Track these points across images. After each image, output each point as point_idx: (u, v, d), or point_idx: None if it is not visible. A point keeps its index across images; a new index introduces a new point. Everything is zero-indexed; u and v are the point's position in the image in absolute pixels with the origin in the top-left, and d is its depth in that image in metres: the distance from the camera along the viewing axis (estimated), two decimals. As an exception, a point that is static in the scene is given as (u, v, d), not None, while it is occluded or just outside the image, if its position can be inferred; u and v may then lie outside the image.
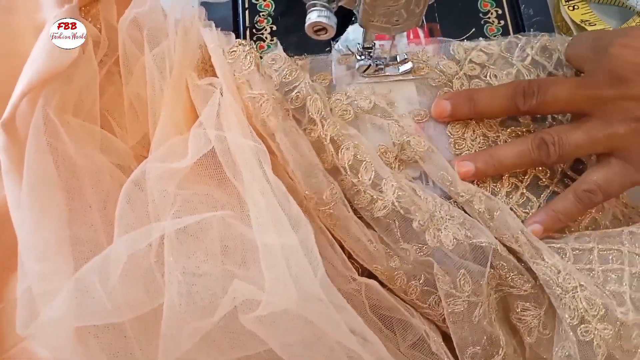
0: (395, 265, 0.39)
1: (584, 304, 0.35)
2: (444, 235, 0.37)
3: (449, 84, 0.45)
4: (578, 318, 0.35)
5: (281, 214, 0.33)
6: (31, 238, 0.30)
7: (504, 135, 0.43)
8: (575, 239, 0.39)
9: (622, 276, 0.36)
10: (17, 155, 0.31)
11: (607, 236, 0.39)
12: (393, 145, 0.42)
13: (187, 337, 0.30)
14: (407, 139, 0.41)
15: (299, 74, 0.41)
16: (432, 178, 0.42)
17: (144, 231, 0.31)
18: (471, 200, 0.39)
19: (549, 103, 0.39)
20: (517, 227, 0.38)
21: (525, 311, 0.38)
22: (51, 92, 0.33)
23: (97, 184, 0.33)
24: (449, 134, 0.43)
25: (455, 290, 0.37)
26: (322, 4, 0.34)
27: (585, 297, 0.35)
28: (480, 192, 0.40)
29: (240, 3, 0.49)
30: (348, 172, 0.39)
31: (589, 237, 0.39)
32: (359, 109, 0.43)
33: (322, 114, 0.40)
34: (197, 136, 0.36)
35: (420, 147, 0.41)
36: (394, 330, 0.37)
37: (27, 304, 0.28)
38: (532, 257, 0.37)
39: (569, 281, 0.36)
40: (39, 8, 0.36)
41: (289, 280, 0.30)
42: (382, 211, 0.38)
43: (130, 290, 0.30)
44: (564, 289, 0.36)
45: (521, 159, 0.40)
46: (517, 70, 0.45)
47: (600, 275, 0.37)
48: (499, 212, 0.39)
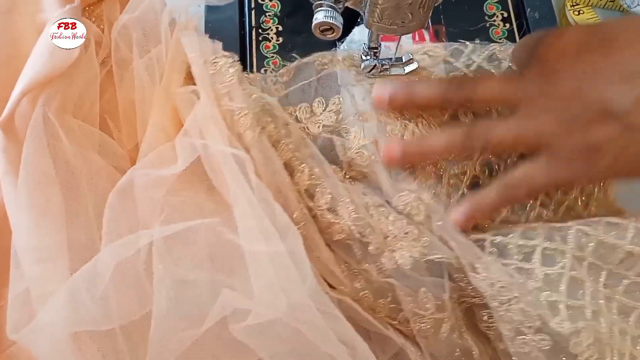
0: (361, 286, 0.38)
1: (520, 316, 0.34)
2: (399, 255, 0.37)
3: None
4: (514, 330, 0.34)
5: (267, 222, 0.32)
6: (29, 239, 0.30)
7: None
8: (522, 233, 0.37)
9: (559, 281, 0.35)
10: (15, 156, 0.31)
11: (554, 230, 0.37)
12: (342, 163, 0.42)
13: (176, 345, 0.30)
14: (352, 157, 0.41)
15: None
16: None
17: (131, 238, 0.31)
18: (410, 213, 0.39)
19: (480, 94, 0.39)
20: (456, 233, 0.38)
21: (491, 318, 0.37)
22: (51, 92, 0.33)
23: (94, 186, 0.33)
24: (387, 135, 0.42)
25: (419, 309, 0.36)
26: (329, 4, 0.34)
27: (520, 309, 0.34)
28: (419, 203, 0.39)
29: (247, 3, 0.49)
30: (304, 197, 0.38)
31: (535, 231, 0.37)
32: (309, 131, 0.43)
33: (275, 137, 0.39)
34: (183, 144, 0.36)
35: (363, 161, 0.40)
36: (372, 343, 0.36)
37: (19, 307, 0.28)
38: (469, 270, 0.36)
39: (504, 293, 0.34)
40: (41, 8, 0.36)
41: (278, 290, 0.30)
42: (340, 234, 0.38)
43: (120, 298, 0.30)
44: (499, 301, 0.35)
45: (448, 147, 0.39)
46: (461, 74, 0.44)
47: (540, 279, 0.35)
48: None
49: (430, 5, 0.37)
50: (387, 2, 0.36)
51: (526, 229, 0.37)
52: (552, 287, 0.34)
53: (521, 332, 0.34)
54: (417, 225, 0.38)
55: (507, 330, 0.35)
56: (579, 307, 0.34)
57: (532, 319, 0.34)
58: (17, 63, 0.35)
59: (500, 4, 0.48)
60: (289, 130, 0.40)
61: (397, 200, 0.39)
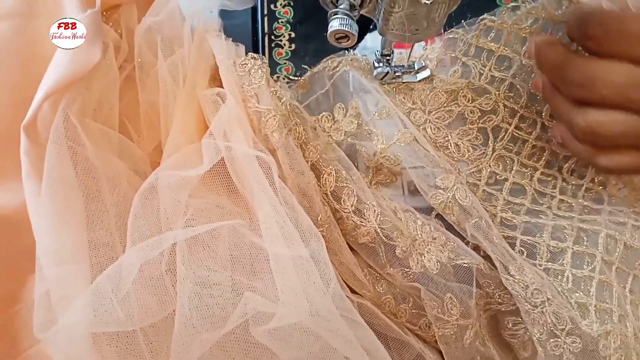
0: (383, 290, 0.38)
1: (552, 319, 0.35)
2: (426, 259, 0.37)
3: None
4: (547, 333, 0.35)
5: (290, 226, 0.33)
6: (50, 243, 0.30)
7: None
8: (552, 233, 0.37)
9: (589, 283, 0.35)
10: (38, 159, 0.31)
11: (582, 232, 0.37)
12: (367, 169, 0.42)
13: (199, 346, 0.30)
14: (379, 161, 0.41)
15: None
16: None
17: (156, 240, 0.31)
18: (445, 212, 0.39)
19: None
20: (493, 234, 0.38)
21: (516, 325, 0.38)
22: (72, 96, 0.33)
23: (114, 188, 0.34)
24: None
25: (444, 315, 0.37)
26: (344, 12, 0.34)
27: (553, 312, 0.35)
28: (453, 203, 0.39)
29: (260, 10, 0.49)
30: (330, 199, 0.39)
31: (564, 230, 0.37)
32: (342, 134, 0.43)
33: (303, 138, 0.40)
34: (208, 145, 0.36)
35: (391, 163, 0.41)
36: (390, 349, 0.37)
37: (45, 307, 0.28)
38: (502, 272, 0.36)
39: (537, 296, 0.35)
40: (62, 13, 0.36)
41: (301, 293, 0.30)
42: (366, 237, 0.38)
43: (142, 299, 0.30)
44: (532, 304, 0.35)
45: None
46: (462, 64, 0.44)
47: (569, 281, 0.36)
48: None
49: (445, 13, 0.37)
50: (401, 10, 0.36)
51: (555, 228, 0.37)
52: (583, 289, 0.35)
53: (554, 335, 0.35)
54: (444, 232, 0.38)
55: (539, 333, 0.35)
56: (607, 310, 0.35)
57: (564, 321, 0.34)
58: (36, 66, 0.35)
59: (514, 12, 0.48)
60: (316, 133, 0.40)
61: (431, 199, 0.39)
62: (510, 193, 0.41)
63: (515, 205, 0.41)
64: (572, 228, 0.37)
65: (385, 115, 0.42)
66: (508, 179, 0.41)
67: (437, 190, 0.39)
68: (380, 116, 0.43)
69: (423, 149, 0.40)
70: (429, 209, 0.41)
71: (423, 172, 0.40)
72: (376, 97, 0.43)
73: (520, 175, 0.41)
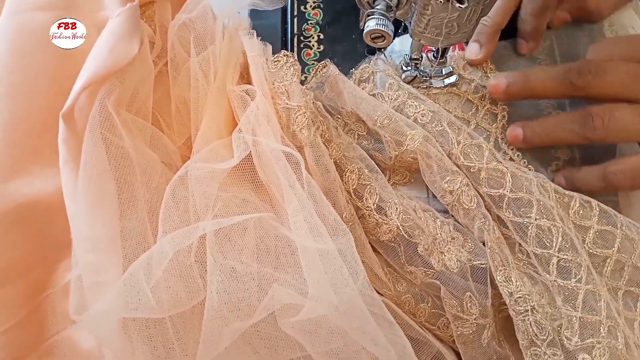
0: (403, 289, 0.39)
1: (534, 328, 0.35)
2: (447, 258, 0.37)
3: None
4: (528, 340, 0.35)
5: (317, 220, 0.33)
6: (85, 229, 0.30)
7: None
8: (539, 240, 0.37)
9: (576, 294, 0.35)
10: (75, 147, 0.32)
11: (569, 239, 0.36)
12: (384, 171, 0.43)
13: (227, 336, 0.30)
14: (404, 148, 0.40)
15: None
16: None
17: (186, 230, 0.31)
18: (460, 198, 0.39)
19: (607, 82, 0.37)
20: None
21: None
22: (109, 87, 0.34)
23: (147, 178, 0.34)
24: None
25: (463, 314, 0.37)
26: (381, 12, 0.35)
27: (535, 321, 0.35)
28: (469, 188, 0.39)
29: (290, 11, 0.50)
30: (353, 196, 0.39)
31: (550, 236, 0.37)
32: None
33: (327, 136, 0.40)
34: (238, 140, 0.36)
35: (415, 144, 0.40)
36: None
37: (80, 290, 0.29)
38: (495, 275, 0.36)
39: (521, 304, 0.35)
40: (102, 7, 0.37)
41: (328, 286, 0.30)
42: (388, 235, 0.38)
43: (172, 288, 0.31)
44: (515, 311, 0.35)
45: (564, 132, 0.39)
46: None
47: (557, 290, 0.36)
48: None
49: (477, 18, 0.38)
50: (434, 13, 0.37)
51: (541, 232, 0.37)
52: (569, 301, 0.35)
53: (534, 344, 0.35)
54: (463, 231, 0.38)
55: (521, 339, 0.35)
56: (594, 323, 0.34)
57: (546, 332, 0.35)
58: (75, 58, 0.36)
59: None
60: (338, 132, 0.41)
61: (446, 184, 0.39)
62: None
63: None
64: (558, 234, 0.37)
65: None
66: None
67: (444, 192, 0.39)
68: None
69: (434, 149, 0.40)
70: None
71: (431, 173, 0.40)
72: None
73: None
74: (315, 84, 0.44)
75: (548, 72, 0.41)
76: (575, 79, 0.39)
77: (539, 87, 0.41)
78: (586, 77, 0.38)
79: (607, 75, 0.37)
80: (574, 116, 0.39)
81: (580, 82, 0.38)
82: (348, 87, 0.42)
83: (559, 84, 0.40)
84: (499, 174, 0.38)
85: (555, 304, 0.35)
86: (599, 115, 0.37)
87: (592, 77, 0.38)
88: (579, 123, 0.38)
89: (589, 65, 0.39)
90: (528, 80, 0.41)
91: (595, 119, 0.37)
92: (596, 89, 0.38)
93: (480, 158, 0.38)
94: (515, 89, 0.42)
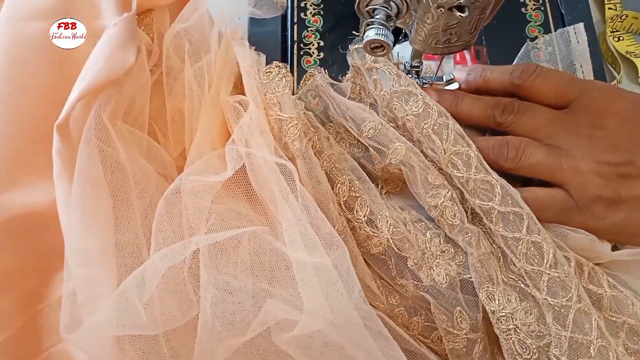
0: (396, 302, 0.38)
1: (517, 348, 0.34)
2: (436, 273, 0.37)
3: None
4: (512, 359, 0.35)
5: (311, 233, 0.32)
6: (78, 243, 0.30)
7: None
8: (527, 257, 0.36)
9: (566, 314, 0.34)
10: (69, 158, 0.32)
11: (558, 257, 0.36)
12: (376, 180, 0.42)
13: (221, 353, 0.30)
14: (389, 161, 0.40)
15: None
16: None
17: (179, 245, 0.31)
18: (444, 214, 0.38)
19: (525, 121, 0.39)
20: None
21: None
22: (105, 98, 0.33)
23: (142, 191, 0.34)
24: None
25: (453, 329, 0.36)
26: (380, 22, 0.34)
27: (518, 340, 0.34)
28: (453, 203, 0.38)
29: (290, 18, 0.49)
30: (343, 208, 0.38)
31: (542, 248, 0.36)
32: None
33: (317, 147, 0.40)
34: (231, 152, 0.36)
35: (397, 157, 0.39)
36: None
37: (72, 306, 0.29)
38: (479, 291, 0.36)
39: (504, 322, 0.35)
40: (99, 15, 0.37)
41: (323, 301, 0.30)
42: (378, 247, 0.38)
43: (165, 304, 0.30)
44: (499, 329, 0.35)
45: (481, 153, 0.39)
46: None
47: (547, 308, 0.35)
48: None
49: (478, 26, 0.37)
50: (435, 22, 0.36)
51: (532, 247, 0.36)
52: (559, 321, 0.34)
53: None
54: (453, 244, 0.38)
55: (506, 356, 0.35)
56: (583, 343, 0.33)
57: (530, 351, 0.34)
58: (71, 67, 0.36)
59: (542, 27, 0.48)
60: (330, 142, 0.40)
61: (430, 199, 0.38)
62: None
63: None
64: (549, 244, 0.36)
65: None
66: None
67: (429, 205, 0.38)
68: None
69: (418, 161, 0.39)
70: None
71: (416, 186, 0.39)
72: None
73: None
74: (304, 94, 0.44)
75: (477, 100, 0.42)
76: (498, 114, 0.41)
77: (465, 111, 0.42)
78: (509, 115, 0.40)
79: (528, 114, 0.40)
80: (495, 141, 0.40)
81: (501, 118, 0.40)
82: (334, 97, 0.42)
83: (484, 114, 0.41)
84: (488, 186, 0.37)
85: (544, 320, 0.35)
86: (514, 146, 0.39)
87: (515, 114, 0.40)
88: (495, 150, 0.39)
89: (515, 104, 0.40)
90: (457, 103, 0.42)
91: (510, 149, 0.39)
92: (516, 126, 0.40)
93: (468, 168, 0.37)
94: (473, 84, 0.44)
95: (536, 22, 0.49)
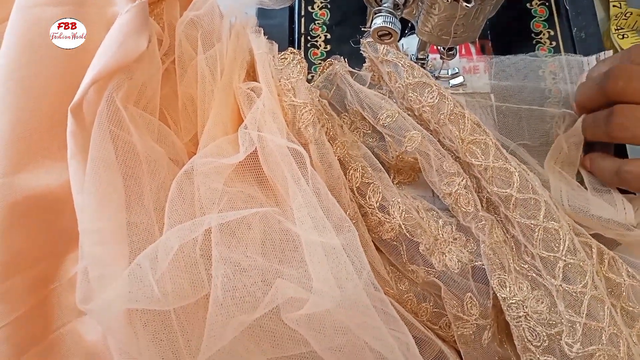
0: (405, 288, 0.39)
1: (527, 335, 0.34)
2: (448, 258, 0.37)
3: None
4: (522, 346, 0.35)
5: (321, 215, 0.33)
6: (91, 223, 0.31)
7: None
8: (545, 244, 0.36)
9: (581, 301, 0.34)
10: (83, 140, 0.32)
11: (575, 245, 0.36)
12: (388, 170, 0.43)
13: (231, 329, 0.31)
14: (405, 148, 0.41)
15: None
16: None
17: (192, 224, 0.31)
18: (459, 201, 0.39)
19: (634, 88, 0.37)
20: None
21: None
22: (118, 82, 0.34)
23: (153, 172, 0.34)
24: None
25: (463, 314, 0.37)
26: (388, 10, 0.35)
27: (528, 328, 0.34)
28: (467, 191, 0.39)
29: (297, 11, 0.50)
30: (356, 194, 0.39)
31: (558, 238, 0.36)
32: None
33: (331, 134, 0.40)
34: (244, 135, 0.36)
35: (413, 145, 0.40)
36: None
37: (86, 284, 0.29)
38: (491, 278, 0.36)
39: (515, 309, 0.35)
40: (111, 2, 0.37)
41: (333, 281, 0.30)
42: (390, 233, 0.38)
43: (177, 281, 0.31)
44: (510, 316, 0.35)
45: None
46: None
47: (561, 295, 0.35)
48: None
49: (484, 17, 0.38)
50: (442, 12, 0.37)
51: (548, 234, 0.36)
52: (573, 307, 0.34)
53: (528, 349, 0.34)
54: (466, 231, 0.38)
55: (517, 343, 0.35)
56: (596, 330, 0.34)
57: (540, 339, 0.34)
58: (85, 53, 0.36)
59: (547, 22, 0.49)
60: (343, 130, 0.41)
61: (445, 186, 0.39)
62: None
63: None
64: (567, 235, 0.36)
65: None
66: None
67: (444, 193, 0.39)
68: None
69: (433, 149, 0.40)
70: None
71: (431, 174, 0.40)
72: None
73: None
74: (321, 83, 0.44)
75: (585, 84, 0.42)
76: (605, 85, 0.39)
77: (581, 99, 0.42)
78: (617, 82, 0.38)
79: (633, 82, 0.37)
80: (602, 114, 0.39)
81: (611, 88, 0.38)
82: (353, 85, 0.42)
83: (596, 91, 0.40)
84: (506, 174, 0.37)
85: (556, 309, 0.35)
86: (622, 113, 0.37)
87: (623, 82, 0.37)
88: (604, 121, 0.39)
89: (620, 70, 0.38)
90: (578, 98, 0.43)
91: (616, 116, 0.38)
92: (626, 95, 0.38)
93: (486, 156, 0.38)
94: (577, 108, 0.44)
95: (541, 17, 0.50)
